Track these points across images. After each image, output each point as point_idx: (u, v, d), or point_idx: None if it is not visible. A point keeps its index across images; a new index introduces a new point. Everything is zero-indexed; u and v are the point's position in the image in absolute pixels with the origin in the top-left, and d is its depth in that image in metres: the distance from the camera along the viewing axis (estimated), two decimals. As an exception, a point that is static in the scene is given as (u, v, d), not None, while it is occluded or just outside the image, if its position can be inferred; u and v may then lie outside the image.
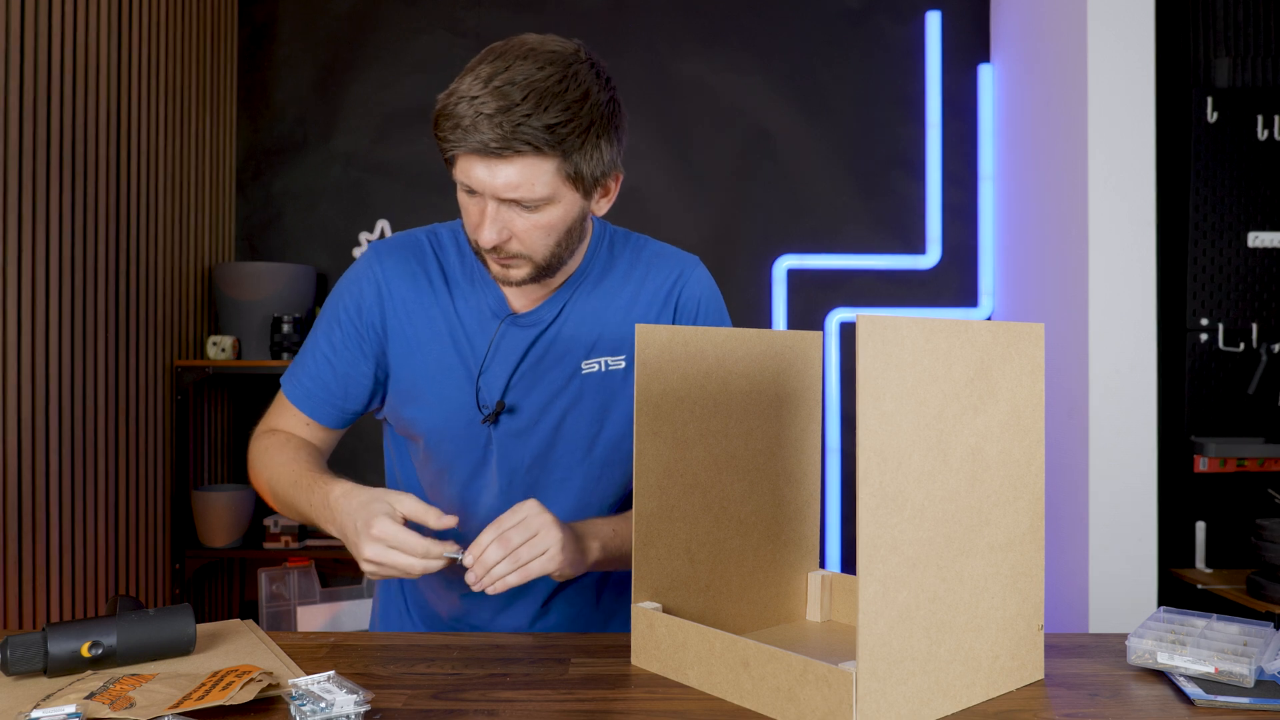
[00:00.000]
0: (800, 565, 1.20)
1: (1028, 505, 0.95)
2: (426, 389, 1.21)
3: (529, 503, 1.06)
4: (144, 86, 2.53)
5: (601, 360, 1.22)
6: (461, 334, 1.21)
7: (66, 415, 2.18)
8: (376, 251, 1.24)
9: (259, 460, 1.25)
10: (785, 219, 3.06)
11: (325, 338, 1.25)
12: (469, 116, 1.01)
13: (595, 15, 3.07)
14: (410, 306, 1.21)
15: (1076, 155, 2.37)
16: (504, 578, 1.03)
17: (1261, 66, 2.55)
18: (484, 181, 1.04)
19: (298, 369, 1.27)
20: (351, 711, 0.84)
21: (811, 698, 0.84)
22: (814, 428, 1.19)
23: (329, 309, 1.25)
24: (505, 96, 1.00)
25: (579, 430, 1.22)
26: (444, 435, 1.22)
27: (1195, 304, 2.47)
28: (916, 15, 3.07)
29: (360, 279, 1.23)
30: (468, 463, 1.23)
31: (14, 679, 0.95)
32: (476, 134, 1.01)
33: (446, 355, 1.20)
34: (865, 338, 0.80)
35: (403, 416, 1.24)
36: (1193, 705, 0.90)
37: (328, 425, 1.27)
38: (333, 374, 1.23)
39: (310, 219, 3.10)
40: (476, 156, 1.03)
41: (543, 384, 1.21)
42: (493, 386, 1.20)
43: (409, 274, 1.22)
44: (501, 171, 1.03)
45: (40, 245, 2.08)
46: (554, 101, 1.01)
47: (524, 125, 1.00)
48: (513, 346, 1.20)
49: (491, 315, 1.21)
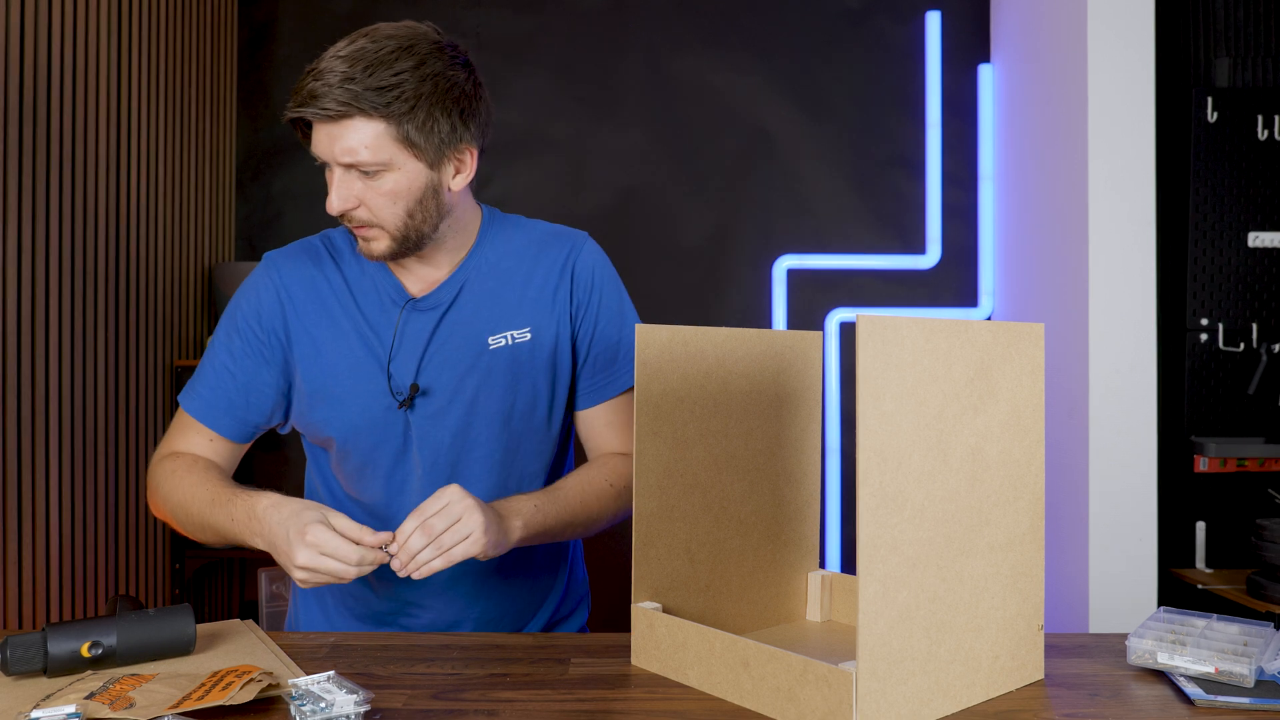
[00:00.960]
0: (800, 565, 1.20)
1: (1028, 505, 0.95)
2: (336, 387, 1.23)
3: (451, 488, 1.07)
4: (144, 86, 2.53)
5: (508, 334, 1.25)
6: (366, 327, 1.23)
7: (66, 415, 2.18)
8: (272, 260, 1.28)
9: (165, 484, 1.22)
10: (785, 219, 3.06)
11: (224, 348, 1.26)
12: (306, 84, 1.09)
13: (595, 15, 3.07)
14: (311, 309, 1.24)
15: (1076, 155, 2.37)
16: (429, 563, 1.04)
17: (1261, 66, 2.55)
18: (325, 148, 1.12)
19: (196, 383, 1.27)
20: (351, 711, 0.84)
21: (811, 698, 0.84)
22: (814, 428, 1.19)
23: (227, 321, 1.27)
24: (344, 63, 1.08)
25: (492, 405, 1.25)
26: (360, 430, 1.23)
27: (1195, 304, 2.47)
28: (916, 15, 3.07)
29: (258, 287, 1.26)
30: (388, 452, 1.24)
31: (14, 679, 0.95)
32: (310, 100, 1.08)
33: (354, 350, 1.23)
34: (865, 338, 0.80)
35: (313, 420, 1.25)
36: (1193, 705, 0.90)
37: (230, 438, 1.26)
38: (234, 384, 1.24)
39: (310, 219, 3.10)
40: (319, 124, 1.10)
41: (452, 364, 1.23)
42: (403, 372, 1.22)
43: (307, 278, 1.25)
44: (338, 135, 1.10)
45: (40, 245, 2.08)
46: (381, 69, 1.09)
47: (349, 86, 1.07)
48: (418, 331, 1.23)
49: (391, 303, 1.24)
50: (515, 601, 1.31)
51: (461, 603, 1.28)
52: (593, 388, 1.32)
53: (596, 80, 3.01)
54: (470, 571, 1.26)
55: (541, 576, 1.34)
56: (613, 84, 3.04)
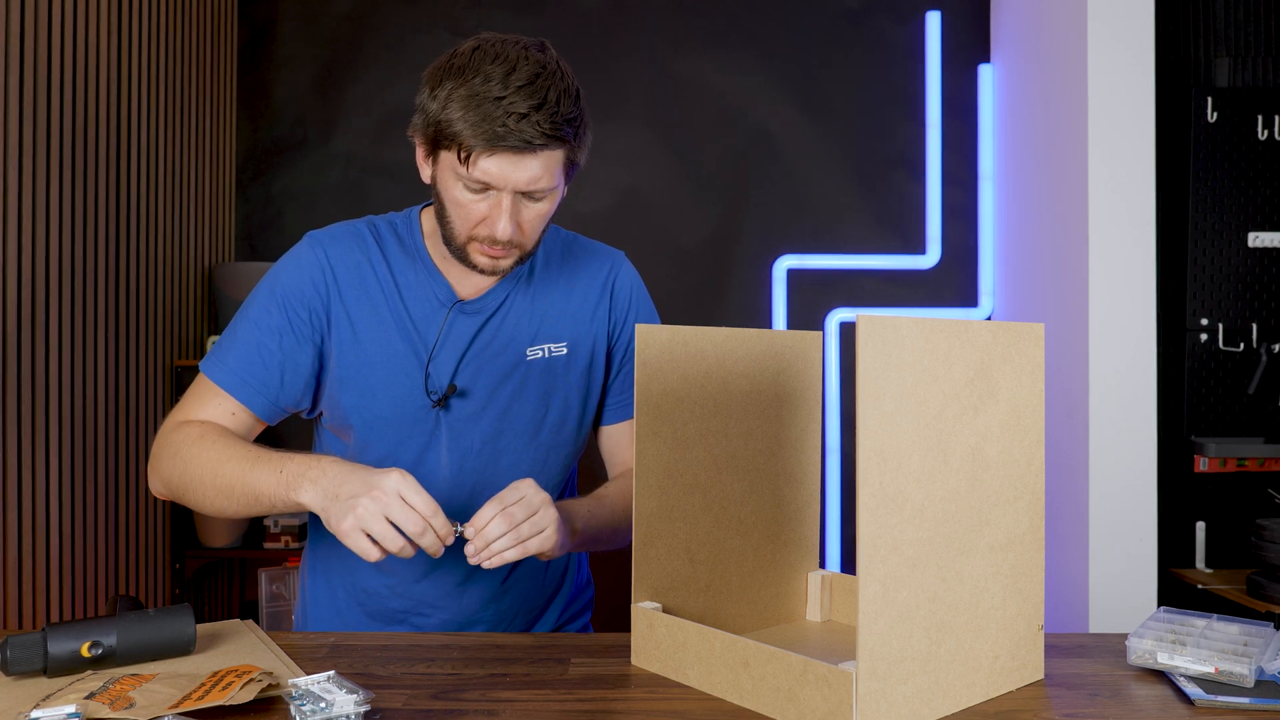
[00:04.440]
0: (800, 565, 1.20)
1: (1028, 505, 0.95)
2: (370, 377, 1.21)
3: (526, 481, 1.08)
4: (144, 86, 2.53)
5: (545, 347, 1.26)
6: (408, 321, 1.22)
7: (66, 416, 2.18)
8: (318, 239, 1.23)
9: (186, 448, 1.15)
10: (785, 219, 3.06)
11: (262, 321, 1.20)
12: (500, 117, 1.05)
13: (595, 15, 3.07)
14: (354, 294, 1.22)
15: (1076, 155, 2.37)
16: (503, 552, 1.04)
17: (1261, 66, 2.55)
18: (506, 177, 1.08)
19: (225, 353, 1.20)
20: (351, 711, 0.84)
21: (811, 698, 0.84)
22: (814, 428, 1.19)
23: (265, 293, 1.21)
24: (535, 94, 1.05)
25: (525, 414, 1.25)
26: (387, 423, 1.22)
27: (1195, 304, 2.47)
28: (916, 15, 3.07)
29: (303, 263, 1.22)
30: (414, 447, 1.24)
31: (14, 679, 0.95)
32: (514, 133, 1.05)
33: (392, 342, 1.22)
34: (865, 338, 0.80)
35: (341, 404, 1.23)
36: (1193, 705, 0.90)
37: (259, 414, 1.22)
38: (270, 359, 1.19)
39: (310, 219, 3.10)
40: (504, 153, 1.06)
41: (490, 369, 1.24)
42: (441, 371, 1.22)
43: (353, 264, 1.22)
44: (527, 166, 1.08)
45: (40, 245, 2.08)
46: (566, 99, 1.08)
47: (557, 119, 1.06)
48: (461, 332, 1.23)
49: (439, 303, 1.23)
50: (527, 602, 1.31)
51: (476, 604, 1.28)
52: (621, 403, 1.34)
53: (597, 80, 3.01)
54: (485, 572, 1.26)
55: (552, 578, 1.35)
56: (613, 84, 3.04)
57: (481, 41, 1.10)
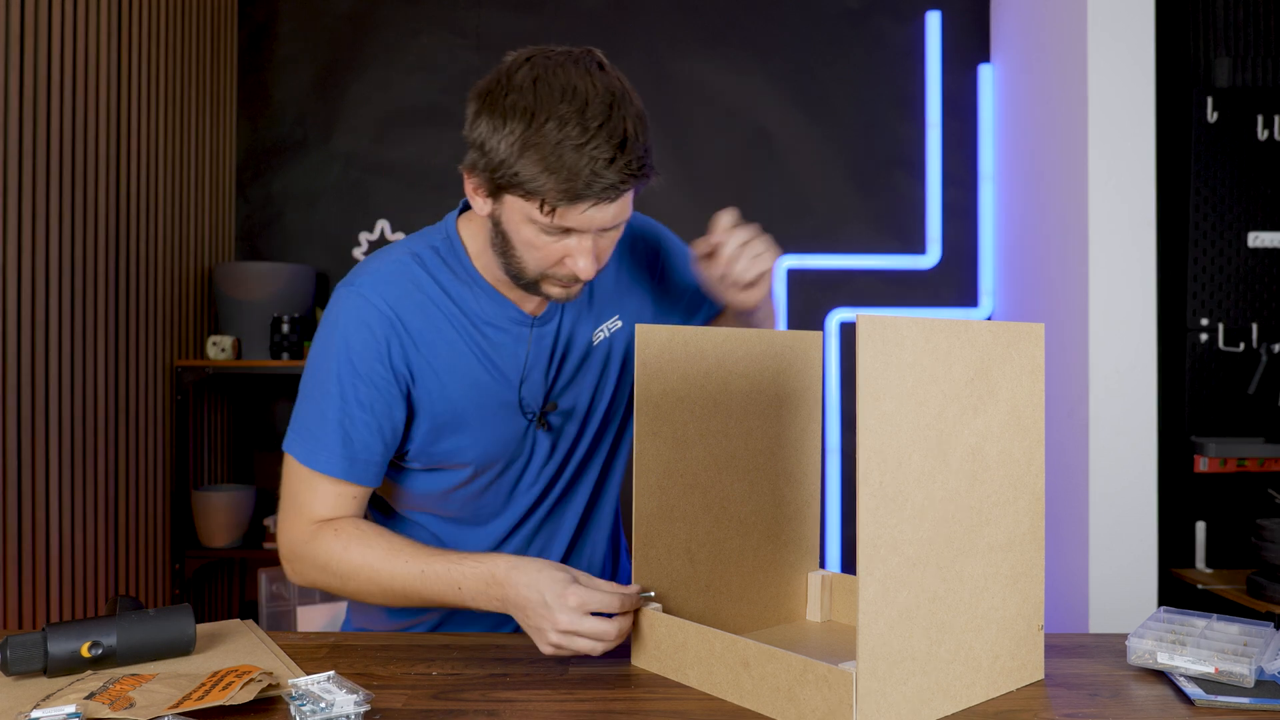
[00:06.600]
0: (800, 565, 1.20)
1: (1028, 505, 0.95)
2: (466, 415, 1.17)
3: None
4: (144, 86, 2.53)
5: (605, 328, 1.26)
6: (487, 347, 1.17)
7: (66, 415, 2.18)
8: (370, 291, 1.14)
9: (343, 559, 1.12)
10: (785, 219, 3.06)
11: (349, 396, 1.13)
12: (585, 169, 0.98)
13: (595, 15, 3.07)
14: (428, 337, 1.15)
15: (1076, 155, 2.37)
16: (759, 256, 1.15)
17: (1261, 66, 2.55)
18: (591, 220, 1.03)
19: (323, 438, 1.14)
20: (351, 711, 0.84)
21: (811, 698, 0.84)
22: (814, 428, 1.19)
23: (340, 365, 1.14)
24: (614, 133, 1.00)
25: (605, 392, 1.27)
26: (494, 455, 1.20)
27: (1195, 304, 2.47)
28: (916, 15, 3.07)
29: (368, 323, 1.13)
30: (516, 469, 1.23)
31: (14, 679, 0.95)
32: (601, 181, 0.99)
33: (474, 373, 1.17)
34: (865, 338, 0.80)
35: (442, 449, 1.19)
36: (1193, 705, 0.90)
37: (373, 485, 1.18)
38: (372, 435, 1.14)
39: (310, 219, 3.10)
40: (589, 201, 1.01)
41: (575, 373, 1.24)
42: (534, 391, 1.20)
43: (416, 305, 1.15)
44: (612, 207, 1.03)
45: (40, 245, 2.08)
46: (642, 120, 1.05)
47: (641, 157, 1.02)
48: (542, 349, 1.20)
49: (513, 323, 1.19)
50: None
51: None
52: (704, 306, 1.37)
53: (596, 80, 3.01)
54: None
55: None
56: (613, 84, 3.04)
57: (536, 67, 1.02)
